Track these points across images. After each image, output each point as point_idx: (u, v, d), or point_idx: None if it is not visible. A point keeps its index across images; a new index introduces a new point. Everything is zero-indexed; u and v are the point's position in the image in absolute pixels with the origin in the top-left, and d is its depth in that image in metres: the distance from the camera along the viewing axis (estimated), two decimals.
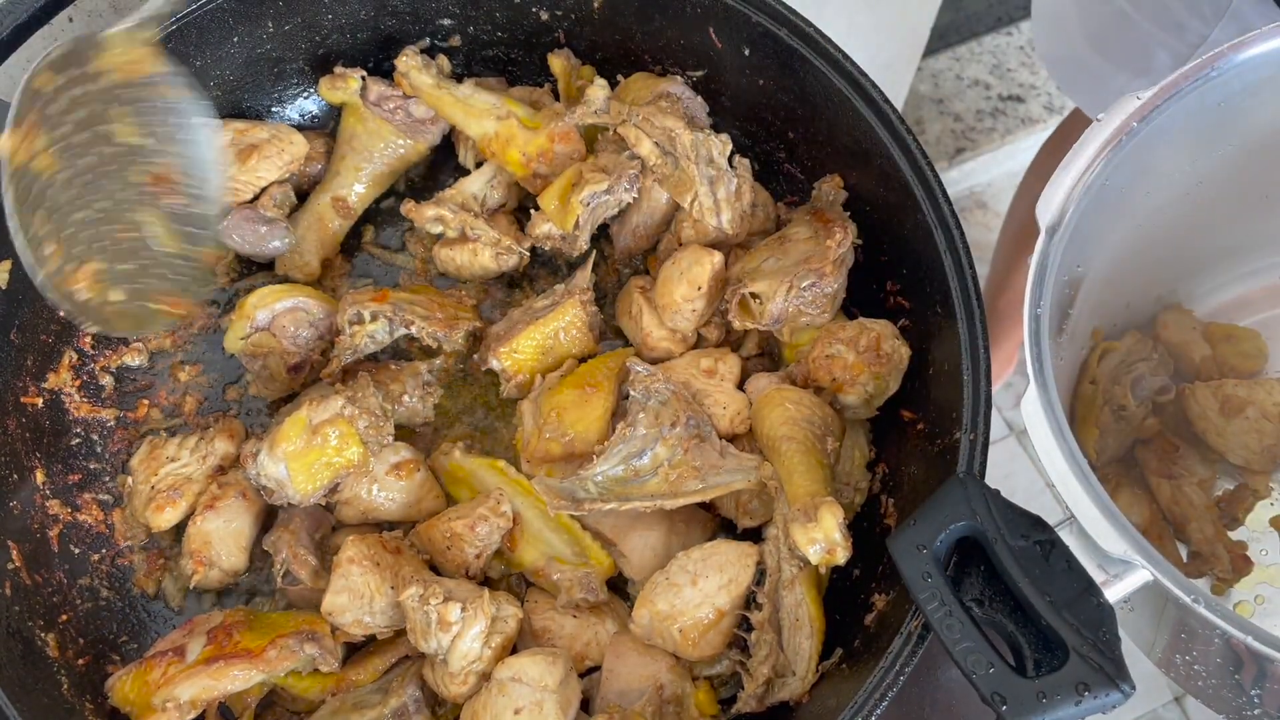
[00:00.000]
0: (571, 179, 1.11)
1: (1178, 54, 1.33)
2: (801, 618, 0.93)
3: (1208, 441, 1.13)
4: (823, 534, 0.89)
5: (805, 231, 1.07)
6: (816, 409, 1.01)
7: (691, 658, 0.96)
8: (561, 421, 1.03)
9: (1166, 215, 1.03)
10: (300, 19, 1.17)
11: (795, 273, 1.02)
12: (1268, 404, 1.09)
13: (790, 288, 1.02)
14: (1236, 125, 0.96)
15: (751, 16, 1.07)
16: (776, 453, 0.99)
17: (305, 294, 1.11)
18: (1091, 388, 1.11)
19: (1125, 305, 1.14)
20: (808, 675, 0.92)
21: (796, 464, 0.97)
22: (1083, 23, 1.46)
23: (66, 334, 1.11)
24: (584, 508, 0.97)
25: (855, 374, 1.01)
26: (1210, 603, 0.73)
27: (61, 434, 1.09)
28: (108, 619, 1.04)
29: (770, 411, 1.01)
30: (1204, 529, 1.09)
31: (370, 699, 0.96)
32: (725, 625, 0.95)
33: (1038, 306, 0.83)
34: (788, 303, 1.02)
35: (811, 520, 0.89)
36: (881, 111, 1.02)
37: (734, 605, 0.95)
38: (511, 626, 0.96)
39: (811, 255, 1.03)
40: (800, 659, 0.93)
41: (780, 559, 0.95)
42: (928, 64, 2.73)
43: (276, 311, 1.09)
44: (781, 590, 0.95)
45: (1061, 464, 0.78)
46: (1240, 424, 1.10)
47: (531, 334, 1.08)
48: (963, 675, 0.74)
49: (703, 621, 0.94)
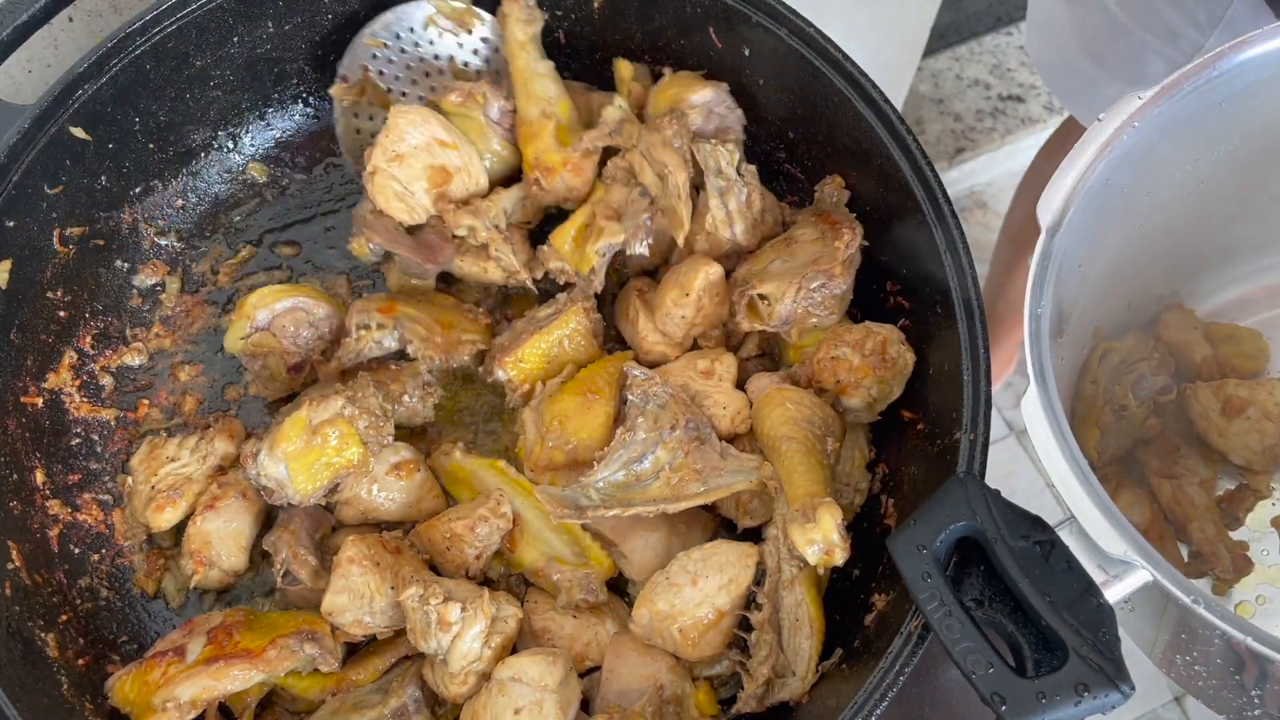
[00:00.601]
0: (584, 221, 1.11)
1: (1172, 62, 1.33)
2: (801, 618, 0.93)
3: (1209, 442, 1.13)
4: (821, 535, 0.89)
5: (811, 233, 1.07)
6: (817, 409, 1.01)
7: (691, 658, 0.96)
8: (564, 430, 1.03)
9: (1167, 215, 1.03)
10: (300, 19, 1.17)
11: (804, 274, 1.02)
12: (1269, 404, 1.09)
13: (799, 289, 1.02)
14: (1238, 125, 0.96)
15: (752, 17, 1.07)
16: (777, 452, 0.99)
17: (305, 294, 1.11)
18: (1093, 387, 1.11)
19: (1126, 305, 1.14)
20: (808, 675, 0.92)
21: (796, 464, 0.97)
22: (1076, 30, 1.45)
23: (66, 334, 1.11)
24: (587, 515, 0.97)
25: (860, 377, 1.00)
26: (1211, 604, 0.73)
27: (61, 434, 1.09)
28: (108, 619, 1.04)
29: (771, 411, 1.01)
30: (1205, 529, 1.09)
31: (370, 699, 0.96)
32: (725, 625, 0.95)
33: (1038, 306, 0.83)
34: (796, 304, 1.02)
35: (810, 521, 0.89)
36: (881, 111, 1.02)
37: (734, 605, 0.95)
38: (511, 627, 0.96)
39: (820, 256, 1.03)
40: (800, 659, 0.93)
41: (780, 559, 0.95)
42: (928, 64, 2.73)
43: (277, 311, 1.09)
44: (781, 590, 0.95)
45: (1062, 464, 0.78)
46: (1242, 424, 1.10)
47: (536, 343, 1.08)
48: (962, 675, 0.74)
49: (703, 621, 0.94)
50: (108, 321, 1.14)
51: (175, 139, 1.17)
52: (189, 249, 1.20)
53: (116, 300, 1.15)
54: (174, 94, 1.14)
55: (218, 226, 1.21)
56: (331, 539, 1.05)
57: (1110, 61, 1.41)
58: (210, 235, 1.21)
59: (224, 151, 1.22)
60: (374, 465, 1.03)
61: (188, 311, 1.17)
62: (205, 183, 1.21)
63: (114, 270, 1.15)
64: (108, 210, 1.13)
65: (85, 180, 1.09)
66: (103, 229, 1.13)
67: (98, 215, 1.12)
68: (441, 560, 1.02)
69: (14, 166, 1.01)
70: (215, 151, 1.21)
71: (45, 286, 1.08)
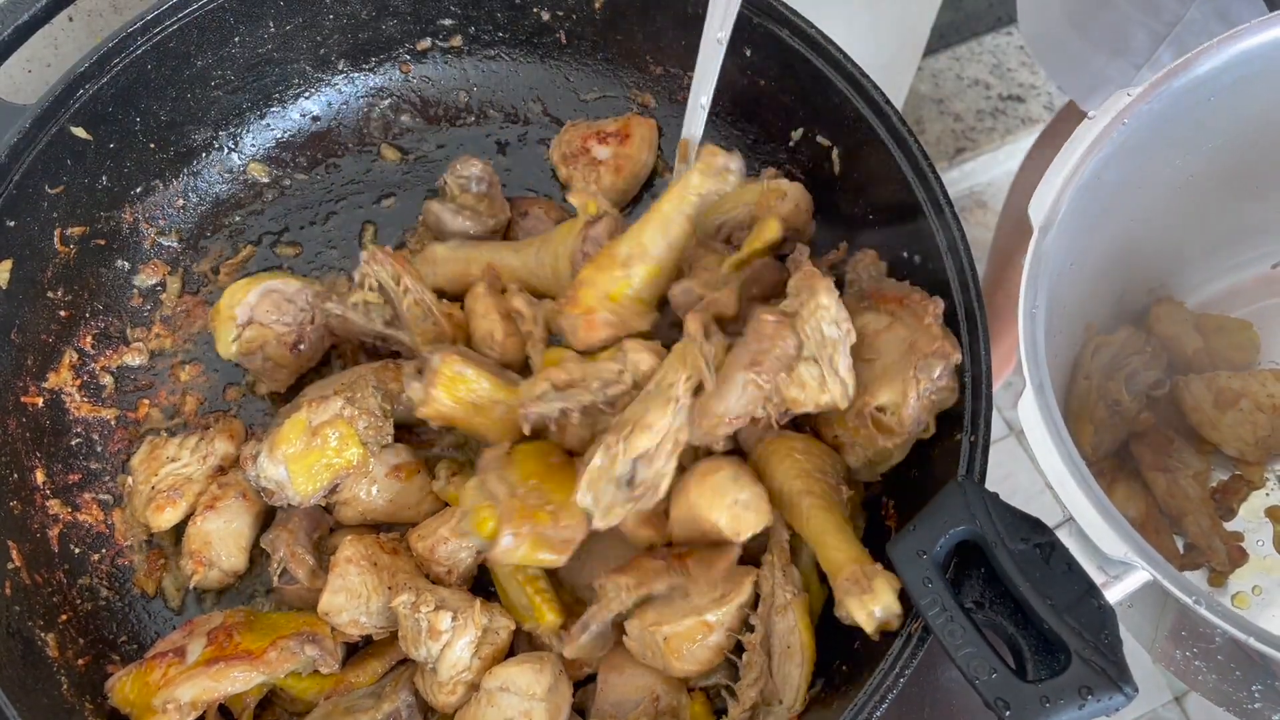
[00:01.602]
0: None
1: (1155, 33, 1.34)
2: (793, 645, 0.90)
3: (1202, 434, 1.13)
4: (882, 607, 0.83)
5: (879, 321, 0.96)
6: (826, 456, 0.95)
7: (675, 672, 0.92)
8: (541, 490, 0.92)
9: (1158, 209, 1.03)
10: (301, 19, 1.17)
11: (913, 365, 0.90)
12: (1261, 395, 1.10)
13: (918, 382, 0.90)
14: (1227, 119, 0.96)
15: (753, 18, 1.07)
16: (796, 509, 0.92)
17: (269, 277, 1.11)
18: (1086, 383, 1.11)
19: (1118, 298, 1.14)
20: (795, 704, 0.90)
21: (825, 525, 0.90)
22: (1063, 1, 1.47)
23: (67, 334, 1.11)
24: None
25: (854, 437, 0.95)
26: (1212, 604, 0.73)
27: (62, 434, 1.08)
28: (108, 619, 1.04)
29: (781, 463, 0.94)
30: (1200, 522, 1.10)
31: (363, 703, 0.96)
32: (713, 641, 0.91)
33: (1033, 306, 0.83)
34: (921, 399, 0.90)
35: (867, 592, 0.83)
36: (881, 111, 1.02)
37: (723, 622, 0.91)
38: (503, 638, 0.95)
39: (916, 340, 0.91)
40: (789, 688, 0.90)
41: (775, 584, 0.92)
42: (928, 64, 2.73)
43: (252, 303, 1.09)
44: (775, 615, 0.91)
45: (1060, 467, 0.78)
46: (1234, 416, 1.10)
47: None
48: (965, 680, 0.74)
49: (690, 633, 0.90)
50: (108, 321, 1.14)
51: (176, 139, 1.17)
52: (190, 249, 1.20)
53: (117, 300, 1.15)
54: (175, 94, 1.14)
55: (218, 226, 1.21)
56: (329, 539, 1.05)
57: (1094, 33, 1.42)
58: (211, 235, 1.21)
59: (225, 151, 1.22)
60: (374, 466, 1.02)
61: (188, 311, 1.17)
62: (206, 183, 1.21)
63: (115, 270, 1.15)
64: (108, 210, 1.13)
65: (86, 180, 1.09)
66: (103, 229, 1.13)
67: (98, 215, 1.12)
68: (425, 570, 1.01)
69: (15, 166, 1.01)
70: (216, 151, 1.21)
71: (46, 286, 1.08)
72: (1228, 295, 1.19)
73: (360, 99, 1.26)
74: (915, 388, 0.90)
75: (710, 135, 1.22)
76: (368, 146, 1.25)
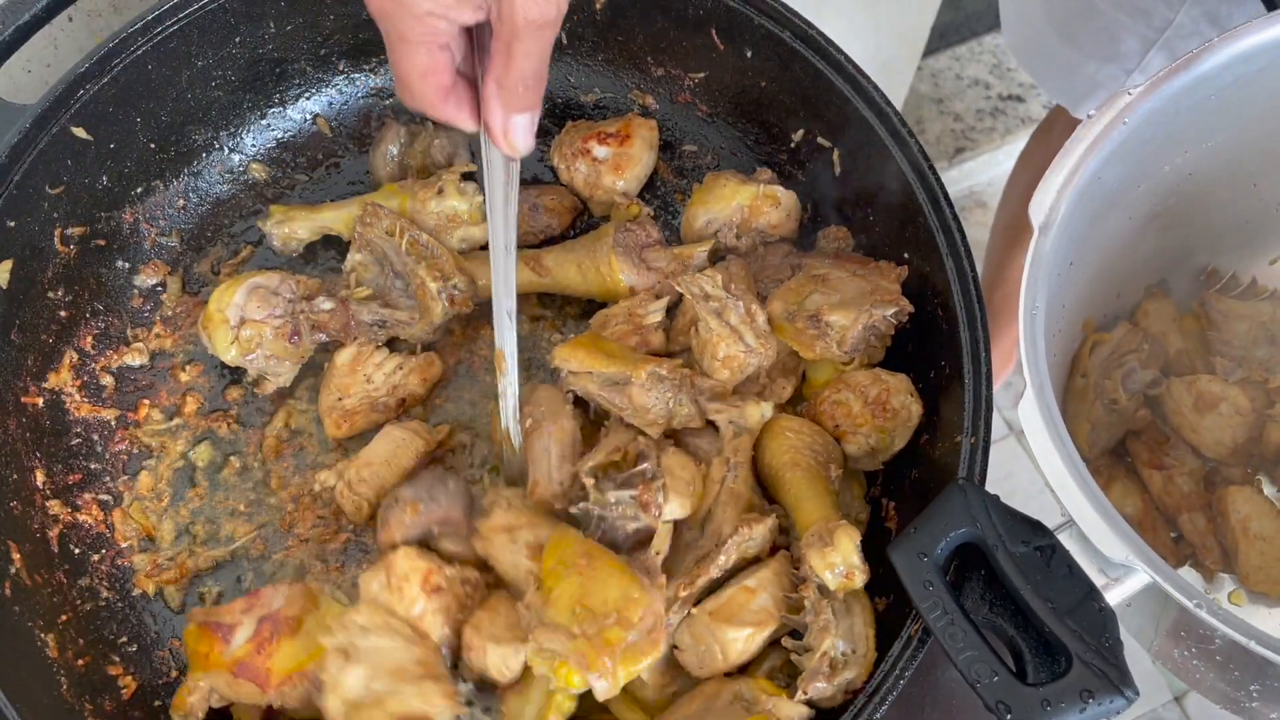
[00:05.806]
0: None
1: (1145, 38, 1.34)
2: (850, 601, 0.90)
3: (1182, 436, 1.13)
4: (841, 558, 0.87)
5: (841, 271, 1.05)
6: (817, 436, 0.99)
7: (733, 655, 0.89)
8: (592, 609, 0.83)
9: (1157, 206, 1.04)
10: (302, 19, 1.17)
11: (869, 302, 1.00)
12: (1240, 400, 1.10)
13: (868, 315, 0.99)
14: (1226, 118, 0.96)
15: (754, 19, 1.07)
16: (781, 481, 0.97)
17: (250, 275, 1.10)
18: (1083, 381, 1.11)
19: (1116, 295, 1.15)
20: (869, 653, 0.88)
21: (803, 490, 0.95)
22: (1048, 11, 1.46)
23: (67, 334, 1.11)
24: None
25: (858, 424, 0.99)
26: (1211, 607, 0.73)
27: (62, 434, 1.08)
28: (108, 619, 1.04)
29: (771, 441, 0.99)
30: (1195, 520, 1.10)
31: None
32: (758, 603, 0.90)
33: (1034, 306, 0.83)
34: (866, 331, 1.00)
35: (828, 545, 0.87)
36: (881, 112, 1.02)
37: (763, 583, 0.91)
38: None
39: (876, 289, 1.01)
40: (858, 638, 0.88)
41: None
42: (928, 64, 2.73)
43: (241, 302, 1.08)
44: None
45: (1060, 469, 0.78)
46: (1214, 419, 1.11)
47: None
48: (966, 683, 0.74)
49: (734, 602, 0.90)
50: (108, 321, 1.14)
51: (176, 139, 1.17)
52: (190, 249, 1.19)
53: (117, 300, 1.15)
54: (175, 94, 1.14)
55: (219, 226, 1.21)
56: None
57: (1084, 41, 1.41)
58: (211, 235, 1.21)
59: (225, 152, 1.21)
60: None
61: (189, 312, 1.17)
62: (206, 183, 1.21)
63: (115, 270, 1.15)
64: (109, 210, 1.13)
65: (86, 180, 1.09)
66: (104, 229, 1.13)
67: (99, 215, 1.12)
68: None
69: (15, 166, 1.01)
70: (216, 152, 1.21)
71: (46, 286, 1.08)
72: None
73: (360, 99, 1.26)
74: (865, 318, 0.99)
75: (711, 136, 1.22)
76: (368, 147, 1.25)
